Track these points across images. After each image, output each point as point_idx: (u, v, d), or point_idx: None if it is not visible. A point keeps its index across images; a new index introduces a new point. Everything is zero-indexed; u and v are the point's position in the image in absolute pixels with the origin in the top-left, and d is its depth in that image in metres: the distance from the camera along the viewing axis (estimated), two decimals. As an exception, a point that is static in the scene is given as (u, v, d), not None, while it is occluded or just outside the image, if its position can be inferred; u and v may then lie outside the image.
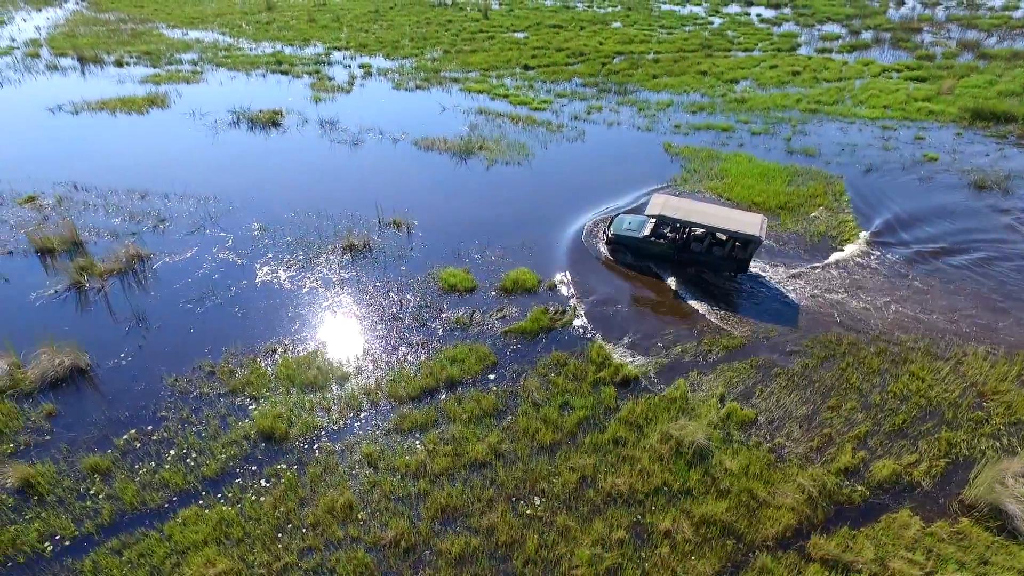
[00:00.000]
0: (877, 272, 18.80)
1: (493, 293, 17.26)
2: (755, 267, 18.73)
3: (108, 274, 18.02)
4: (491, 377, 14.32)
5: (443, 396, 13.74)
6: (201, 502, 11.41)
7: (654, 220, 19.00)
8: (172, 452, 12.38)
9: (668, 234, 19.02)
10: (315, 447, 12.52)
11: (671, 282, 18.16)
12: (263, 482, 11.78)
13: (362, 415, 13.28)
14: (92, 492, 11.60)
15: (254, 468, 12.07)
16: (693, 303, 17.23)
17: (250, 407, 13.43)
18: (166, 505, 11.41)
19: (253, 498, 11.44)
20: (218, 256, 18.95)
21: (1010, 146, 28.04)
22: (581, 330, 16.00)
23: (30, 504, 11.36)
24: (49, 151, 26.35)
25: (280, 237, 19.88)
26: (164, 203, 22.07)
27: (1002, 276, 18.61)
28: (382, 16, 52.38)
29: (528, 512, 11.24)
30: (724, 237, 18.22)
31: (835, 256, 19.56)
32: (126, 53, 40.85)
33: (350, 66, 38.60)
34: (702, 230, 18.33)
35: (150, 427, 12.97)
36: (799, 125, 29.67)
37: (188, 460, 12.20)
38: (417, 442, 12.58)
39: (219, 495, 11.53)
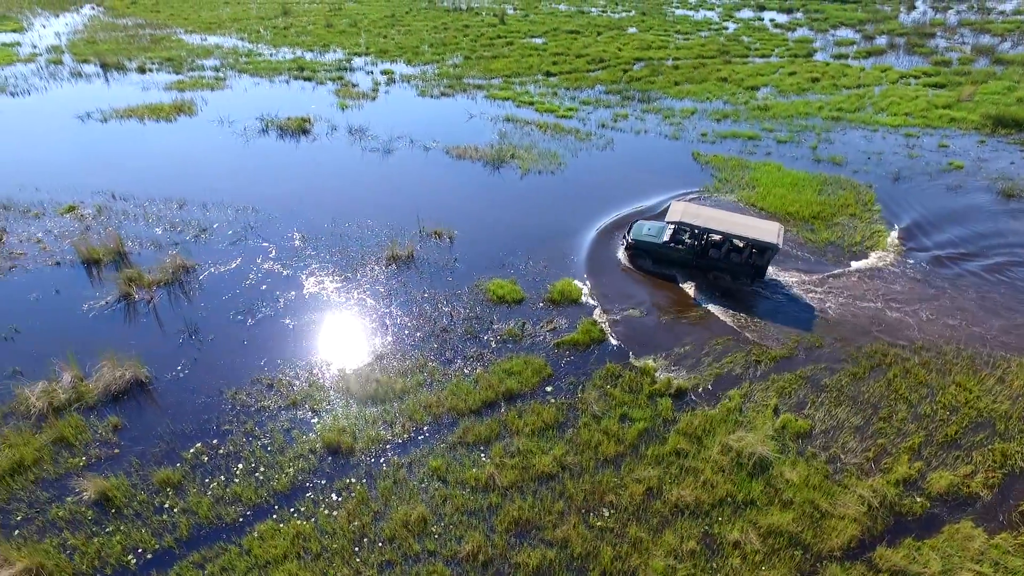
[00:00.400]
0: (912, 281, 19.04)
1: (541, 304, 17.48)
2: (794, 278, 18.98)
3: (155, 285, 18.23)
4: (548, 389, 14.55)
5: (503, 409, 13.98)
6: (276, 516, 11.63)
7: (673, 226, 19.31)
8: (240, 466, 12.60)
9: (687, 240, 19.33)
10: (381, 461, 12.75)
11: (689, 288, 18.42)
12: (334, 496, 12.01)
13: (424, 428, 13.51)
14: (167, 506, 11.82)
15: (323, 482, 12.29)
16: (733, 314, 17.47)
17: (312, 420, 13.66)
18: (241, 520, 11.64)
19: (327, 512, 11.66)
20: (263, 267, 19.18)
21: (1033, 153, 28.32)
22: (629, 342, 16.24)
23: (109, 517, 11.59)
24: (83, 160, 26.56)
25: (322, 247, 20.11)
26: (203, 212, 22.29)
27: (1038, 286, 18.86)
28: (399, 21, 52.61)
29: (599, 524, 11.47)
30: (741, 244, 18.57)
31: (869, 264, 19.81)
32: (148, 59, 41.07)
33: (372, 72, 38.83)
34: (720, 236, 18.66)
35: (215, 440, 13.20)
36: (823, 133, 29.91)
37: (257, 474, 12.43)
38: (483, 455, 12.81)
39: (292, 509, 11.76)
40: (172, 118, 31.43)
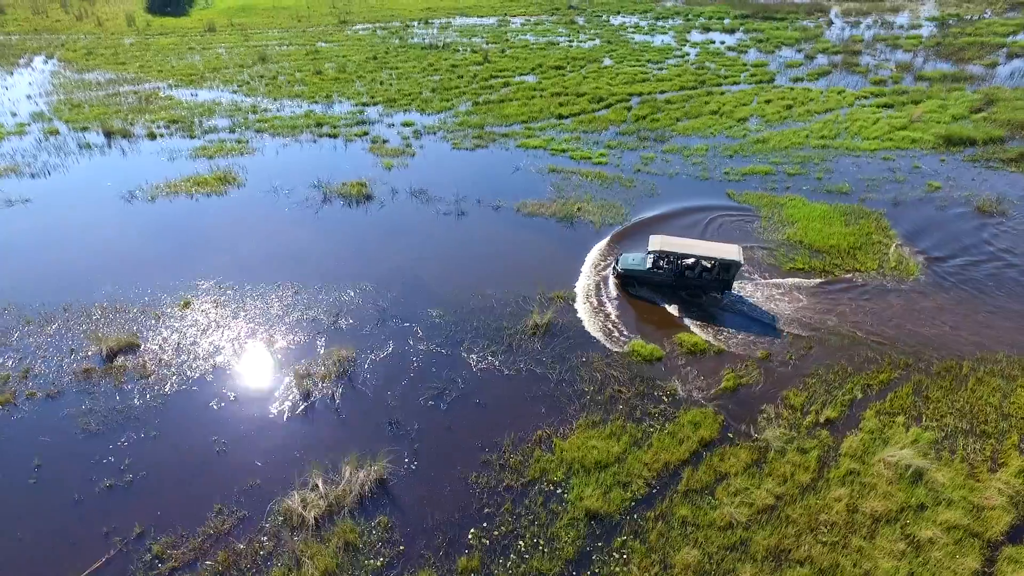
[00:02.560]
0: (941, 293, 23.66)
1: (681, 361, 20.42)
2: (868, 304, 23.06)
3: (326, 379, 19.48)
4: (730, 435, 17.55)
5: (705, 454, 16.82)
6: (576, 579, 13.88)
7: (653, 255, 23.46)
8: (521, 543, 14.66)
9: (665, 265, 23.51)
10: (635, 516, 15.22)
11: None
12: (615, 554, 14.40)
13: (652, 481, 16.08)
14: (479, 586, 13.73)
15: (600, 543, 14.62)
16: (842, 334, 21.21)
17: (558, 492, 15.86)
18: (547, 586, 13.78)
19: (618, 570, 14.03)
20: (417, 348, 20.81)
21: (983, 168, 34.52)
22: (768, 382, 19.52)
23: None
24: (160, 246, 26.49)
25: (462, 322, 21.93)
26: (323, 295, 23.35)
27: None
28: (385, 63, 53.49)
29: (828, 540, 14.62)
30: (710, 264, 23.04)
31: (909, 287, 24.29)
32: (151, 122, 39.98)
33: (393, 124, 40.07)
34: (692, 260, 23.16)
35: (484, 524, 15.12)
36: (821, 163, 34.84)
37: (541, 547, 14.55)
38: (711, 497, 15.60)
39: (588, 572, 14.02)
40: (221, 191, 31.54)
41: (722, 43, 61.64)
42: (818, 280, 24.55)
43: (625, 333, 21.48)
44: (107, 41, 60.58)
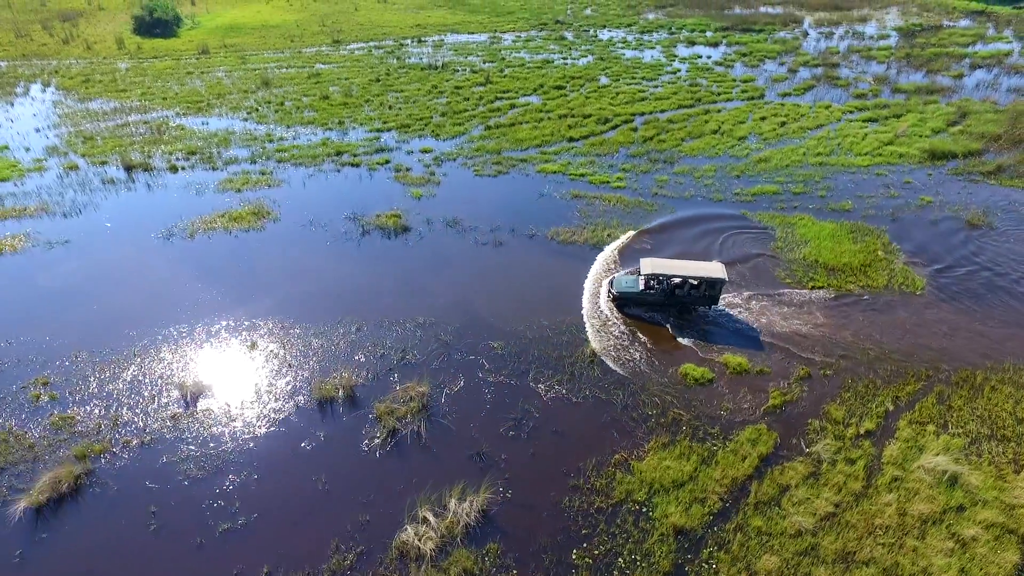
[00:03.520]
0: (950, 304, 26.18)
1: (728, 382, 22.34)
2: (883, 318, 25.39)
3: (408, 414, 20.79)
4: (783, 452, 19.52)
5: (766, 469, 18.74)
6: (674, 590, 15.61)
7: (645, 277, 25.64)
8: (621, 560, 16.32)
9: (656, 286, 25.71)
10: (715, 528, 17.03)
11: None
12: (704, 565, 16.16)
13: (724, 495, 17.92)
14: (590, 602, 15.34)
15: (690, 556, 16.39)
16: (865, 349, 23.44)
17: (643, 511, 17.58)
18: (649, 598, 15.48)
19: (708, 578, 15.84)
20: (487, 380, 22.28)
21: (967, 182, 37.57)
22: (811, 398, 21.60)
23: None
24: (212, 286, 27.24)
25: (523, 352, 23.44)
26: (384, 331, 24.58)
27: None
28: (388, 85, 54.44)
29: (884, 542, 16.65)
30: (696, 282, 25.37)
31: (918, 300, 26.74)
32: (168, 154, 40.31)
33: (412, 151, 41.24)
34: (680, 279, 25.46)
35: (585, 544, 16.74)
36: (821, 180, 37.39)
37: (639, 563, 16.24)
38: (779, 507, 17.53)
39: (682, 581, 15.79)
40: (258, 226, 32.34)
41: (708, 58, 64.36)
42: (834, 295, 26.88)
43: (671, 356, 23.38)
44: (101, 67, 59.95)
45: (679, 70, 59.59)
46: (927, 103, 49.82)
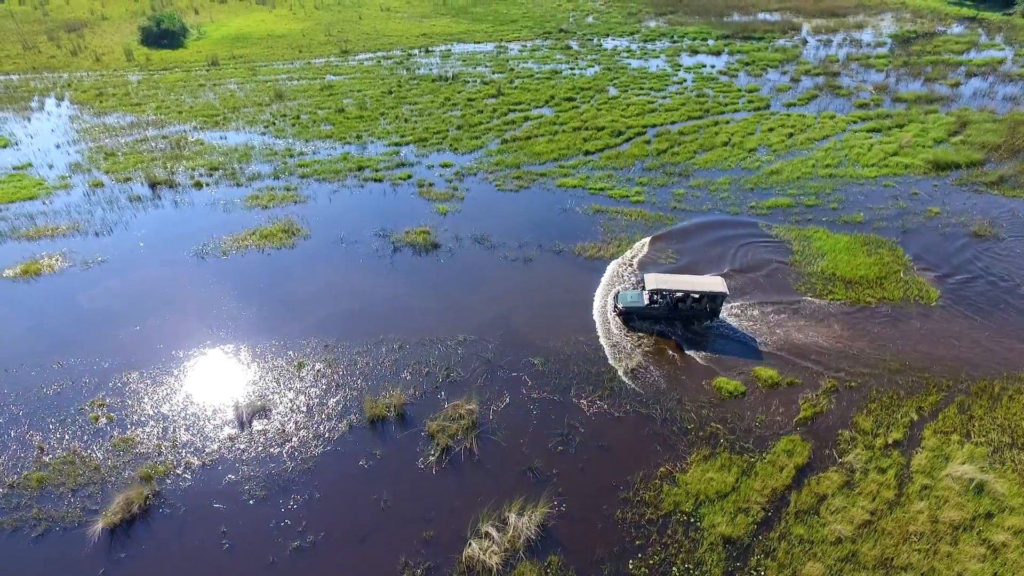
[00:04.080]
0: (962, 315, 27.39)
1: (763, 392, 23.40)
2: (903, 329, 26.55)
3: (459, 432, 21.64)
4: (817, 463, 20.58)
5: (803, 479, 19.78)
6: (728, 597, 16.62)
7: (649, 292, 26.71)
8: (675, 569, 17.30)
9: (660, 300, 26.79)
10: (759, 537, 18.06)
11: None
12: (752, 573, 17.18)
13: (765, 504, 18.94)
14: (649, 610, 16.32)
15: (737, 563, 17.39)
16: (881, 359, 24.57)
17: (692, 521, 18.56)
18: (704, 605, 16.48)
19: (759, 585, 16.86)
20: (531, 396, 23.19)
21: (971, 192, 38.93)
22: (839, 409, 22.68)
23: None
24: (252, 305, 27.94)
25: (563, 368, 24.35)
26: (426, 349, 25.38)
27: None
28: (401, 98, 55.10)
29: (918, 547, 17.74)
30: (698, 295, 26.48)
31: (934, 312, 27.95)
32: (191, 170, 40.84)
33: (433, 166, 42.02)
34: (682, 293, 26.52)
35: (640, 555, 17.71)
36: (832, 192, 38.59)
37: (691, 571, 17.21)
38: (818, 516, 18.58)
39: (734, 589, 16.79)
40: (289, 243, 33.03)
41: (712, 67, 65.56)
42: (851, 307, 28.04)
43: (704, 368, 24.42)
44: (112, 79, 60.15)
45: (685, 80, 60.75)
46: (927, 112, 51.25)
